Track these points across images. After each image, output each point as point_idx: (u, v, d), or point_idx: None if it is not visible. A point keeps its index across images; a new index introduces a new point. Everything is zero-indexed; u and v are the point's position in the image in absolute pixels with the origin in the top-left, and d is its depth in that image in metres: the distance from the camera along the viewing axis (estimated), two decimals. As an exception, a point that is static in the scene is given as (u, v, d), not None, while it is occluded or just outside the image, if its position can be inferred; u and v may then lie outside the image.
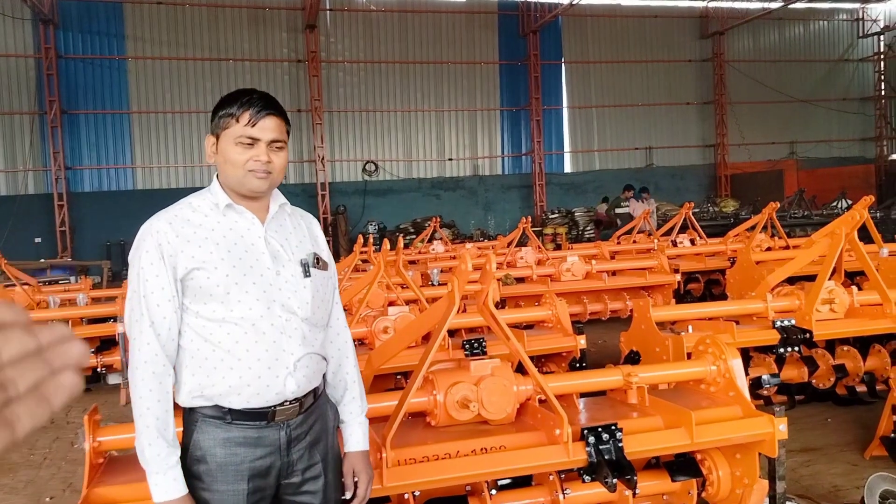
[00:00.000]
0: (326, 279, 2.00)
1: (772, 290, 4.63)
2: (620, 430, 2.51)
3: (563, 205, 20.44)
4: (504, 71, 20.73)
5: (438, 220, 12.67)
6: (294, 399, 1.86)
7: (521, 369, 2.89)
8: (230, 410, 1.80)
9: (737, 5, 21.52)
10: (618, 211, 13.76)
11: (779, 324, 4.24)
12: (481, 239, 17.58)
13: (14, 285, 7.32)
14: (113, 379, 6.45)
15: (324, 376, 2.00)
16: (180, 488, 1.74)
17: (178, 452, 1.76)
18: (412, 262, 9.50)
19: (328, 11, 19.23)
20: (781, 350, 4.23)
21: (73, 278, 11.79)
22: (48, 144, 17.22)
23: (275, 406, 1.83)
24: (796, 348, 4.22)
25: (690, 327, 4.24)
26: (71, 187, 17.50)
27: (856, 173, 21.18)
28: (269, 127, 1.86)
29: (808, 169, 21.62)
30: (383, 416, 2.77)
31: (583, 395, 3.08)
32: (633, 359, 3.59)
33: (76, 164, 17.67)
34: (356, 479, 2.01)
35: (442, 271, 7.90)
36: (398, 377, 4.34)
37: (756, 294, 4.64)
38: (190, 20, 18.26)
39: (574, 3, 18.16)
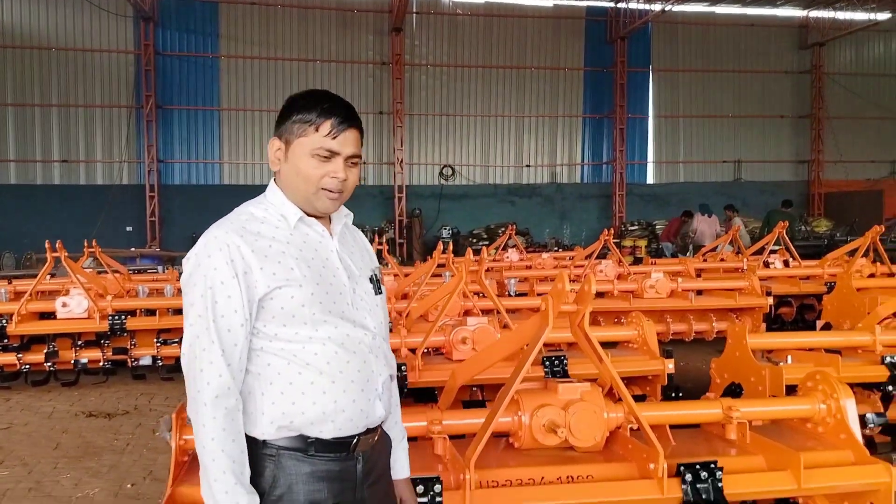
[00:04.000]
0: (384, 295, 1.88)
1: (880, 322, 4.30)
2: (720, 468, 2.33)
3: (643, 217, 19.94)
4: (588, 77, 20.40)
5: (514, 227, 12.51)
6: (375, 427, 1.73)
7: (609, 393, 2.75)
8: (315, 440, 1.61)
9: (840, 16, 20.49)
10: None
11: (889, 359, 3.92)
12: (556, 248, 17.31)
13: (106, 272, 7.60)
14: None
15: None
16: None
17: (257, 500, 1.56)
18: (486, 270, 9.37)
19: (414, 14, 19.36)
20: (890, 388, 3.91)
21: (160, 268, 12.19)
22: (143, 137, 17.96)
23: (359, 435, 1.67)
24: (907, 387, 3.89)
25: (790, 357, 3.97)
26: (162, 179, 18.21)
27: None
28: (350, 140, 1.68)
29: (910, 190, 20.39)
30: (460, 433, 2.68)
31: (674, 426, 2.89)
32: (734, 392, 3.39)
33: (168, 158, 18.38)
34: None
35: (518, 281, 7.75)
36: (474, 389, 4.24)
37: (863, 325, 4.32)
38: (281, 21, 18.71)
39: (666, 9, 17.69)
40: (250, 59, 18.60)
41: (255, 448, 1.59)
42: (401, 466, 1.89)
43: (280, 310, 1.59)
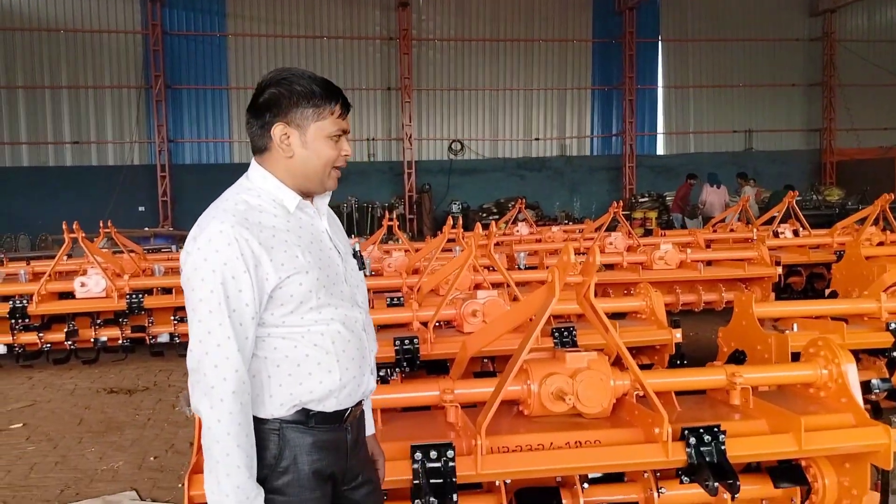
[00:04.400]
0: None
1: (886, 290, 4.35)
2: (723, 432, 2.41)
3: (653, 188, 19.85)
4: (597, 49, 20.23)
5: (524, 201, 12.53)
6: (362, 399, 1.80)
7: (616, 362, 2.82)
8: (316, 413, 1.65)
9: (852, -19, 20.16)
10: None
11: (894, 326, 3.98)
12: (566, 221, 17.31)
13: (122, 252, 7.72)
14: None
15: None
16: None
17: (262, 497, 1.58)
18: (496, 244, 9.43)
19: (421, -12, 19.23)
20: (895, 354, 3.97)
21: (174, 247, 12.33)
22: (153, 117, 18.02)
23: (351, 407, 1.73)
24: (912, 352, 3.95)
25: (795, 325, 4.04)
26: (173, 159, 18.30)
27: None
28: (348, 118, 1.75)
29: (923, 157, 20.16)
30: (472, 402, 2.77)
31: (679, 392, 2.97)
32: (738, 358, 3.46)
33: (178, 137, 18.45)
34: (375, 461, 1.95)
35: (528, 255, 7.81)
36: (484, 360, 4.32)
37: (869, 293, 4.37)
38: (288, -2, 18.62)
39: (674, -21, 17.49)
40: (257, 37, 18.56)
41: (258, 424, 1.61)
42: (370, 424, 1.96)
43: (289, 297, 1.60)
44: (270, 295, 1.60)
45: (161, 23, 17.76)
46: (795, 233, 9.21)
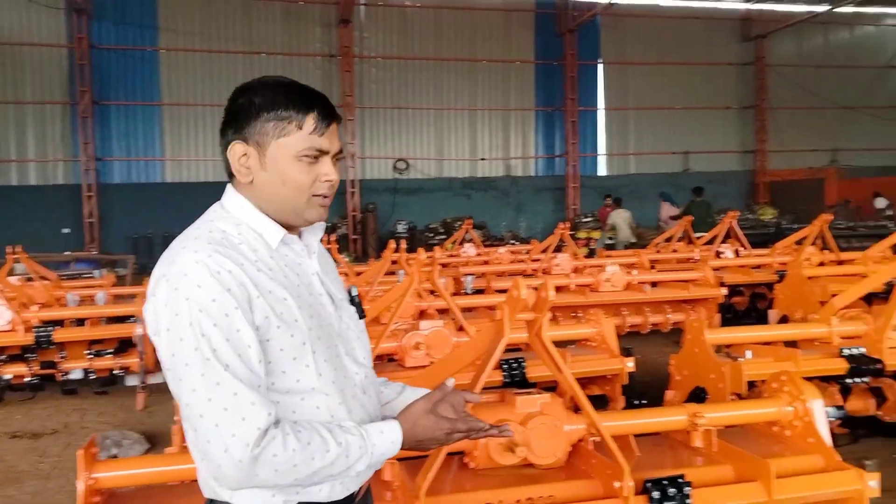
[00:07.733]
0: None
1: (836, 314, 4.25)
2: (688, 483, 2.18)
3: (596, 208, 19.96)
4: (540, 70, 20.35)
5: (471, 221, 12.32)
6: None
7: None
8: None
9: (780, 8, 20.84)
10: None
11: (847, 352, 3.86)
12: (513, 241, 17.22)
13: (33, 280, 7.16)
14: (130, 381, 6.21)
15: None
16: (395, 427, 1.34)
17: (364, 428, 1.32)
18: (443, 266, 9.16)
19: (363, 6, 19.00)
20: (848, 381, 3.85)
21: (97, 272, 11.65)
22: (78, 135, 17.20)
23: (355, 490, 1.42)
24: (865, 379, 3.84)
25: (749, 352, 3.88)
26: (100, 178, 17.49)
27: (899, 183, 20.38)
28: (336, 134, 1.40)
29: (850, 178, 20.86)
30: (411, 456, 2.47)
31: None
32: (699, 396, 3.27)
33: (106, 155, 17.65)
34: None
35: (476, 277, 7.57)
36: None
37: (819, 317, 4.26)
38: (223, 12, 18.15)
39: (613, 2, 17.72)
40: (191, 52, 17.98)
41: None
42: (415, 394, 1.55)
43: (279, 352, 1.29)
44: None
45: (88, 36, 17.03)
46: (736, 253, 9.24)
